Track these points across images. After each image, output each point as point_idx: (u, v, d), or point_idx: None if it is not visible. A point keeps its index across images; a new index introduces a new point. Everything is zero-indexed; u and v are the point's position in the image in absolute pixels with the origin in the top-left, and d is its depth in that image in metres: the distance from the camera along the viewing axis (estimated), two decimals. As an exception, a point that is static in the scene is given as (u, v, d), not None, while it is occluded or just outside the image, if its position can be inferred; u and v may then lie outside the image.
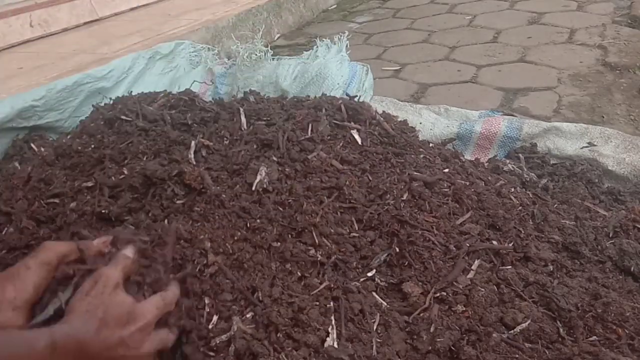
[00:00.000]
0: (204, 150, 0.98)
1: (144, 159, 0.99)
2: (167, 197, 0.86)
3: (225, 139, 0.97)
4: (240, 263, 0.74)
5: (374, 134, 1.05)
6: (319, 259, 0.79)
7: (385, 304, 0.76)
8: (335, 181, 0.89)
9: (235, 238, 0.77)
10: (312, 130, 1.01)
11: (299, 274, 0.76)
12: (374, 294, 0.77)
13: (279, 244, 0.79)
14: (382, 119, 1.09)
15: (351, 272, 0.79)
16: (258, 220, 0.81)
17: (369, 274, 0.80)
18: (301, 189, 0.86)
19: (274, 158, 0.93)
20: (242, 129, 1.04)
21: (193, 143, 0.98)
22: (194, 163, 0.94)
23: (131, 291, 0.60)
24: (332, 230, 0.83)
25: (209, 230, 0.76)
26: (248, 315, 0.68)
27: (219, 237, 0.76)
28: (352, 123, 1.05)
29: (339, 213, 0.86)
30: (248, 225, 0.80)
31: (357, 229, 0.86)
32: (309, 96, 1.25)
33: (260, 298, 0.70)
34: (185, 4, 2.73)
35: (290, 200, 0.84)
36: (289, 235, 0.81)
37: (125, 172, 0.93)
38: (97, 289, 0.57)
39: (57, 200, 0.93)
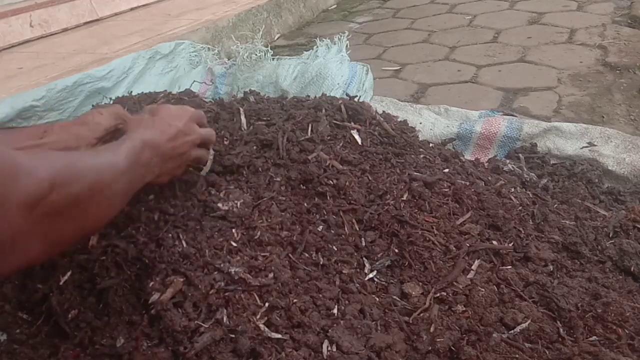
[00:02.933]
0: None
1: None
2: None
3: (225, 139, 0.97)
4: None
5: (374, 134, 1.05)
6: (321, 262, 0.79)
7: (386, 304, 0.76)
8: (335, 181, 0.89)
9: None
10: (312, 130, 1.01)
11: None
12: (374, 294, 0.77)
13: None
14: (382, 119, 1.09)
15: (351, 273, 0.79)
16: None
17: (370, 275, 0.80)
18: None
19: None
20: (242, 129, 1.04)
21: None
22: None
23: None
24: (332, 231, 0.83)
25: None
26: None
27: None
28: (352, 123, 1.05)
29: (339, 213, 0.86)
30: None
31: (357, 229, 0.86)
32: (308, 96, 1.25)
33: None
34: (185, 4, 2.73)
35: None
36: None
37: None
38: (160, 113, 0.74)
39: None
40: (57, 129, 0.69)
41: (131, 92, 1.38)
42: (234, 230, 0.77)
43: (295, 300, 0.70)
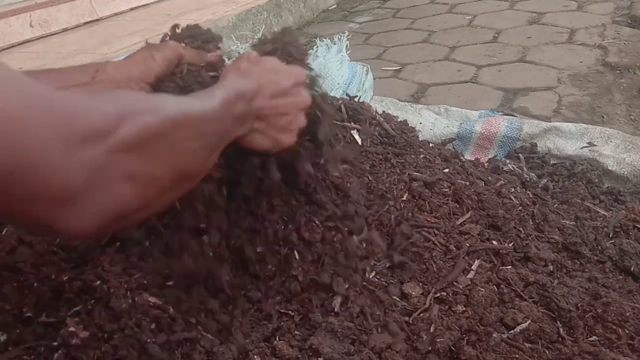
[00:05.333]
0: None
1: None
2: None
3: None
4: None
5: (374, 134, 1.05)
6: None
7: (386, 304, 0.76)
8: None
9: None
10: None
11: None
12: (374, 294, 0.77)
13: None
14: (382, 119, 1.09)
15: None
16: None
17: (370, 276, 0.80)
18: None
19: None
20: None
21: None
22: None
23: None
24: (332, 232, 0.83)
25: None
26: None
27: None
28: (352, 123, 1.05)
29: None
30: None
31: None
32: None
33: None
34: (185, 4, 2.73)
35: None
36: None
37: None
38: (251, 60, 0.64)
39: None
40: (110, 68, 0.64)
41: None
42: None
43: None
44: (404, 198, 0.90)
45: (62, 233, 0.40)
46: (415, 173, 0.97)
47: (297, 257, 0.73)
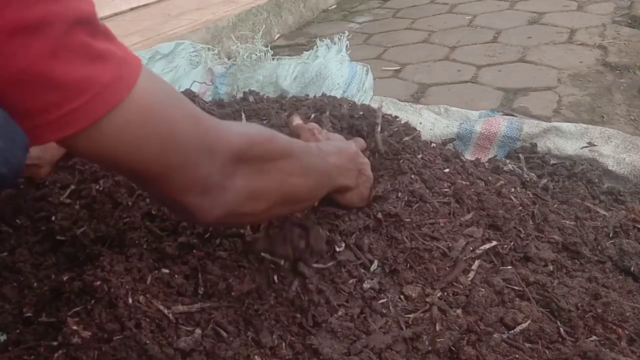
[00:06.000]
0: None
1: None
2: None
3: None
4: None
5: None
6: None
7: (386, 305, 0.76)
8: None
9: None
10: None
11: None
12: (373, 295, 0.77)
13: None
14: (379, 135, 1.07)
15: (351, 274, 0.79)
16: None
17: (370, 276, 0.80)
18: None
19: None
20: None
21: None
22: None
23: None
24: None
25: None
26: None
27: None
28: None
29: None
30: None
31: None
32: (308, 95, 1.25)
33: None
34: (185, 4, 2.73)
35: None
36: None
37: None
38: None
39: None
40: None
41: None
42: None
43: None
44: (405, 198, 0.90)
45: (197, 216, 0.52)
46: (415, 174, 0.97)
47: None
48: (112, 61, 0.42)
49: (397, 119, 1.19)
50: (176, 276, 0.70)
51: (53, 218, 0.87)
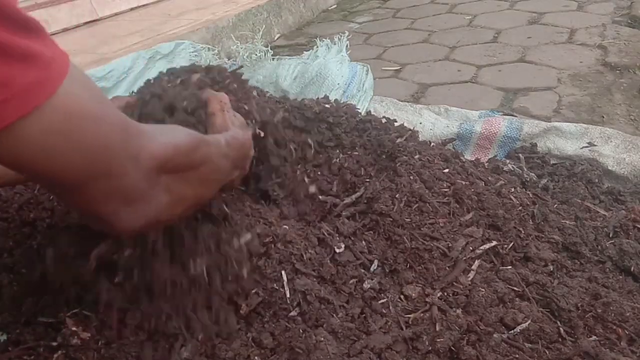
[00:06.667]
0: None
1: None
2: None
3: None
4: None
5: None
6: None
7: (386, 305, 0.76)
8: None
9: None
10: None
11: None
12: (373, 295, 0.77)
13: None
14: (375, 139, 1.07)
15: (351, 274, 0.79)
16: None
17: (370, 276, 0.80)
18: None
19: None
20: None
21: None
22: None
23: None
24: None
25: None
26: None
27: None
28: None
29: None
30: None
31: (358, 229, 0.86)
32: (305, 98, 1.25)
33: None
34: (185, 4, 2.73)
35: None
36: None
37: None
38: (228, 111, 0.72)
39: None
40: None
41: (132, 92, 1.38)
42: None
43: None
44: (404, 198, 0.90)
45: (115, 226, 0.50)
46: (415, 175, 0.97)
47: None
48: (34, 61, 0.38)
49: (394, 121, 1.19)
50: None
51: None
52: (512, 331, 0.73)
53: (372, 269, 0.81)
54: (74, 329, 0.62)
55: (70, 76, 0.41)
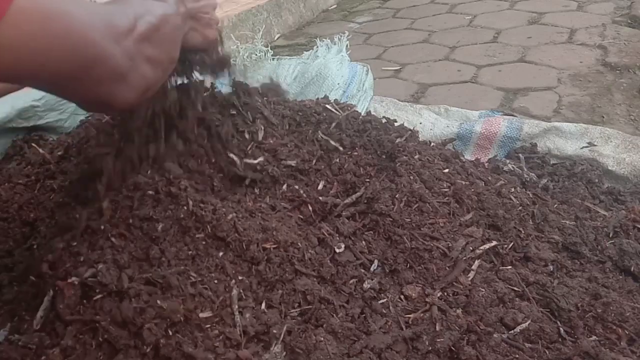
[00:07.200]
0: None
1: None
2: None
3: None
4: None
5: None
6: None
7: (386, 305, 0.76)
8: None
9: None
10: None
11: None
12: (373, 295, 0.77)
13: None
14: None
15: (351, 274, 0.79)
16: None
17: (370, 276, 0.80)
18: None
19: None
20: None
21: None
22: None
23: None
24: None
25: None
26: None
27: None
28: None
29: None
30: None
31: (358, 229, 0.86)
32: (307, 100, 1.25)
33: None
34: (185, 4, 2.73)
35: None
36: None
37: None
38: None
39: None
40: None
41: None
42: None
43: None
44: (404, 199, 0.90)
45: (114, 104, 0.55)
46: (415, 175, 0.97)
47: None
48: None
49: (394, 121, 1.18)
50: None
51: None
52: (512, 331, 0.73)
53: (372, 269, 0.81)
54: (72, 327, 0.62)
55: None
